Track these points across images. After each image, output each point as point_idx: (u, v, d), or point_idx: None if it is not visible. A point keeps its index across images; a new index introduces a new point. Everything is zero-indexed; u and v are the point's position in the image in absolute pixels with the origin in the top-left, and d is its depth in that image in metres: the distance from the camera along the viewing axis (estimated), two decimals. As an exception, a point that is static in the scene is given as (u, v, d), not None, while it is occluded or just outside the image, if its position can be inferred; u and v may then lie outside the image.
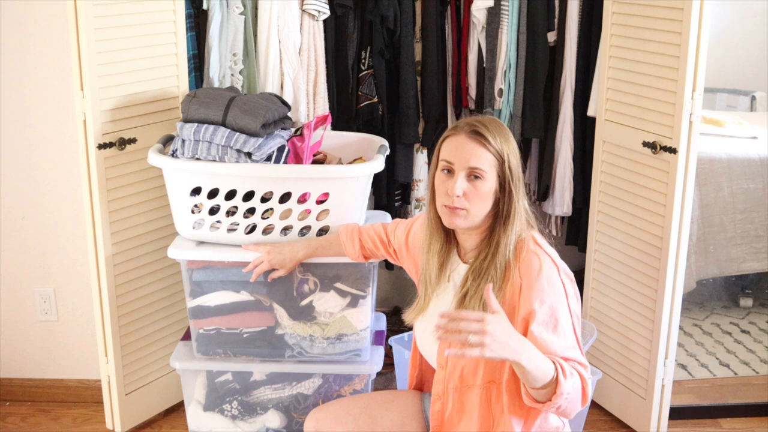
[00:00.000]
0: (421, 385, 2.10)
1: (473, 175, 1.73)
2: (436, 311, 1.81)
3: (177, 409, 2.83)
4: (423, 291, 1.88)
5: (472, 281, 1.76)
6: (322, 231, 2.32)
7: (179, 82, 2.58)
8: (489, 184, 1.73)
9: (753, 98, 4.25)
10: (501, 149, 1.73)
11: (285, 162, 2.31)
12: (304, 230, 2.31)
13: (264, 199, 2.26)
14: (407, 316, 1.93)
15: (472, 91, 2.91)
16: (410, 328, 2.81)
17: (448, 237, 1.86)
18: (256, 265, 2.26)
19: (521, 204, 1.77)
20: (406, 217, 3.04)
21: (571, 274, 1.77)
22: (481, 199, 1.74)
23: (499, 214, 1.76)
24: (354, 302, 2.34)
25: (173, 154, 2.28)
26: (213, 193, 2.27)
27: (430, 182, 1.83)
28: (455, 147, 1.75)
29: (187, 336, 2.48)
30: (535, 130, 2.87)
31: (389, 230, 2.16)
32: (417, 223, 2.06)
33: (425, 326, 1.90)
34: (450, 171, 1.76)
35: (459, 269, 1.84)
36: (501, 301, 1.72)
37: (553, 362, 1.61)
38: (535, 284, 1.70)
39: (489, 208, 1.75)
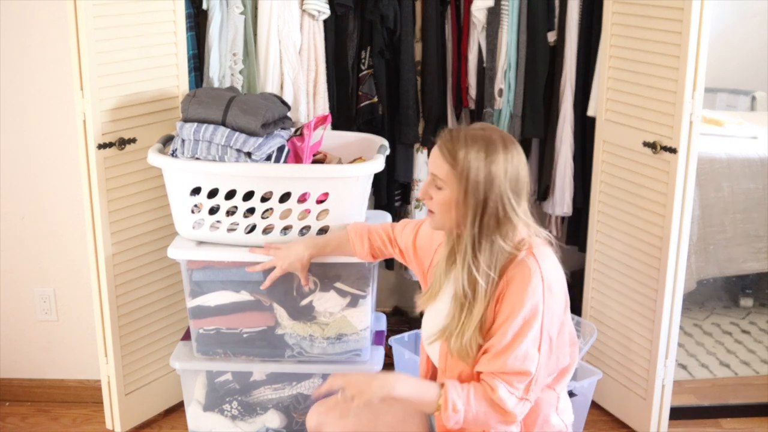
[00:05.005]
0: None
1: (434, 182, 1.76)
2: (444, 299, 1.84)
3: (177, 409, 2.83)
4: (437, 279, 1.89)
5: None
6: (322, 231, 2.31)
7: (179, 82, 2.58)
8: (445, 194, 1.74)
9: (753, 98, 4.25)
10: (463, 161, 1.71)
11: (285, 162, 2.31)
12: (304, 230, 2.31)
13: (264, 199, 2.26)
14: (420, 300, 1.94)
15: (472, 91, 2.91)
16: (411, 328, 2.82)
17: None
18: (265, 269, 2.26)
19: (475, 226, 1.72)
20: (407, 217, 3.03)
21: (560, 286, 1.75)
22: (440, 206, 1.76)
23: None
24: (354, 302, 2.34)
25: (173, 154, 2.28)
26: (213, 193, 2.27)
27: None
28: (432, 152, 1.79)
29: (187, 336, 2.48)
30: (535, 130, 2.87)
31: (396, 230, 2.17)
32: (425, 225, 2.06)
33: (431, 316, 1.90)
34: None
35: None
36: (488, 311, 1.73)
37: (442, 384, 1.71)
38: (513, 298, 1.70)
39: (454, 217, 1.75)
